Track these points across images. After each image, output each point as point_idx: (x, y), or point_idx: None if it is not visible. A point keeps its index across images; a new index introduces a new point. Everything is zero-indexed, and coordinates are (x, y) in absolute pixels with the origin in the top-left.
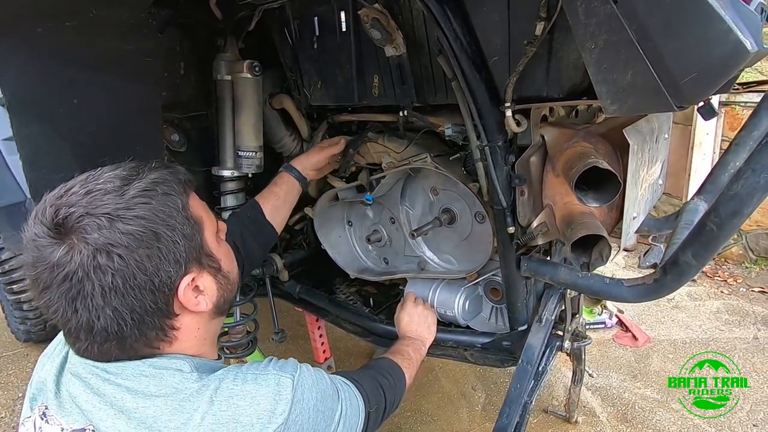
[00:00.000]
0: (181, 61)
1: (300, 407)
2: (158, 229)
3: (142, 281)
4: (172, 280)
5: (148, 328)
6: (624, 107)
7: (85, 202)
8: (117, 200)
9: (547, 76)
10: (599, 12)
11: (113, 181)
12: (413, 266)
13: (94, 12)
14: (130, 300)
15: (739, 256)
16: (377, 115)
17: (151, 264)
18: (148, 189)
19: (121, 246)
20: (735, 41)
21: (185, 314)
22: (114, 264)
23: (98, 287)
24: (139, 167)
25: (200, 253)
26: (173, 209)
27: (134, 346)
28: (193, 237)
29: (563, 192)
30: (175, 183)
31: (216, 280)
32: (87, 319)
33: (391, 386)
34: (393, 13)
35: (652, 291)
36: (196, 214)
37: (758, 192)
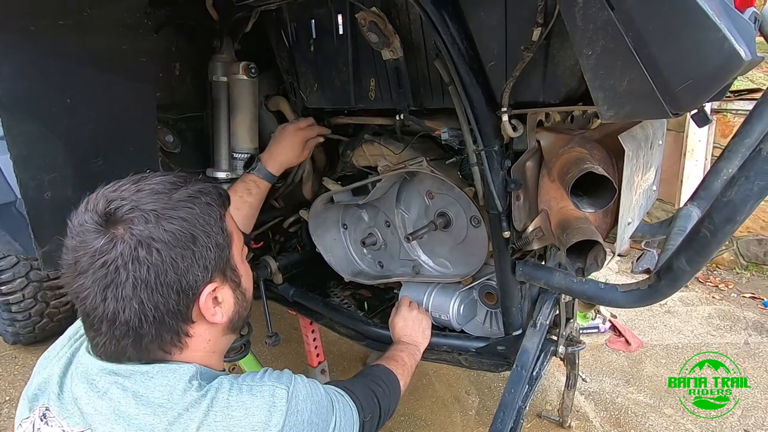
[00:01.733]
0: (177, 62)
1: (294, 418)
2: (196, 232)
3: (172, 279)
4: (197, 285)
5: (165, 330)
6: (620, 113)
7: (136, 197)
8: (165, 200)
9: (543, 82)
10: (597, 18)
11: (163, 184)
12: (408, 270)
13: (89, 11)
14: (156, 296)
15: (730, 262)
16: (373, 119)
17: (183, 264)
18: (193, 196)
19: (161, 242)
20: (730, 50)
21: (201, 322)
22: (152, 257)
23: (132, 278)
24: (187, 177)
25: (226, 265)
26: (212, 218)
27: (149, 347)
28: (224, 248)
29: (558, 197)
30: (216, 196)
31: (234, 295)
32: (114, 308)
33: (385, 394)
34: (390, 16)
35: (647, 296)
36: (229, 228)
37: (752, 199)
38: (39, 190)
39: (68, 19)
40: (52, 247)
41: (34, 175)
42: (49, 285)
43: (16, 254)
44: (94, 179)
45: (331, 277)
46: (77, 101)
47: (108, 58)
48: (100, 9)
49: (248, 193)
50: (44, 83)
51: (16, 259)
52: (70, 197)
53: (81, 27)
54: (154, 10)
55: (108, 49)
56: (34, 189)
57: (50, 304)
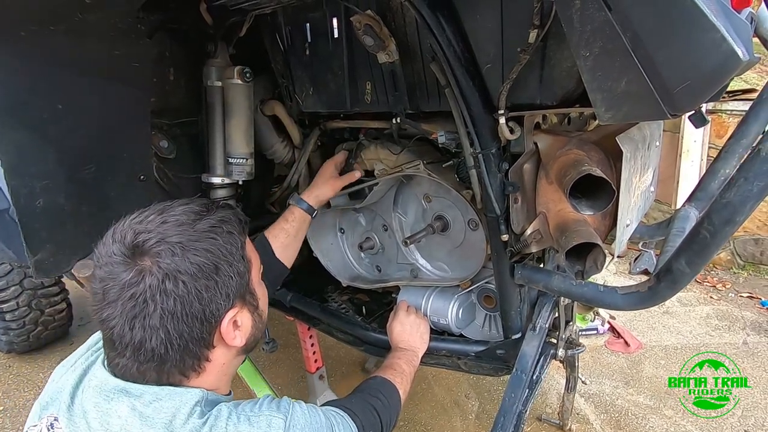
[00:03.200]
0: (171, 67)
1: None
2: (220, 263)
3: (197, 310)
4: (219, 312)
5: (189, 355)
6: (618, 115)
7: (162, 229)
8: (189, 232)
9: (540, 84)
10: (594, 19)
11: (187, 214)
12: (406, 274)
13: (80, 16)
14: (182, 326)
15: (728, 262)
16: (370, 122)
17: (207, 294)
18: (216, 226)
19: (187, 274)
20: (728, 50)
21: (220, 346)
22: (178, 290)
23: (159, 309)
24: (209, 204)
25: (246, 290)
26: (234, 247)
27: (170, 372)
28: (244, 275)
29: (557, 199)
30: (237, 223)
31: (252, 318)
32: (141, 337)
33: (384, 406)
34: (386, 19)
35: (647, 299)
36: (248, 254)
37: (751, 200)
38: (31, 198)
39: (59, 25)
40: (45, 254)
41: (26, 182)
42: (43, 293)
43: (10, 262)
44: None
45: (328, 282)
46: (69, 107)
47: (100, 64)
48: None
49: (285, 221)
50: (35, 89)
51: (9, 266)
52: (62, 204)
53: (72, 32)
54: (146, 15)
55: (100, 55)
56: (26, 196)
57: (45, 312)
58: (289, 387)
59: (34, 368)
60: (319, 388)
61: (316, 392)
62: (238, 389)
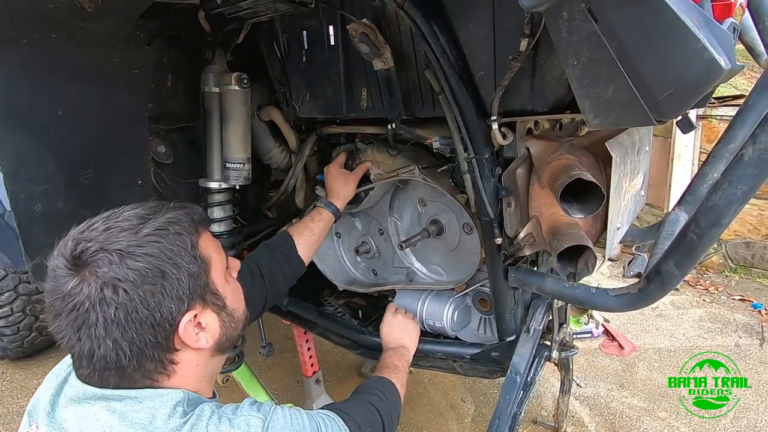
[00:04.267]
0: (169, 73)
1: None
2: (164, 267)
3: (144, 316)
4: (173, 317)
5: (147, 360)
6: (606, 121)
7: (102, 237)
8: (131, 237)
9: (531, 91)
10: (581, 30)
11: (131, 219)
12: (402, 277)
13: (81, 24)
14: (130, 333)
15: (720, 265)
16: (365, 128)
17: (153, 300)
18: (161, 228)
19: (127, 281)
20: (709, 59)
21: (185, 350)
22: (119, 298)
23: (102, 318)
24: (158, 206)
25: (205, 291)
26: (182, 248)
27: (133, 377)
28: (199, 275)
29: (549, 203)
30: (188, 223)
31: (219, 318)
32: (89, 347)
33: (383, 401)
34: (381, 28)
35: (637, 300)
36: (204, 253)
37: (735, 203)
38: (29, 202)
39: (60, 32)
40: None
41: (25, 187)
42: (37, 298)
43: (5, 268)
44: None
45: (324, 286)
46: (68, 113)
47: (100, 70)
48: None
49: (311, 221)
50: (35, 95)
51: (4, 272)
52: (61, 209)
53: (73, 40)
54: (146, 23)
55: (100, 62)
56: (25, 201)
57: (39, 317)
58: (286, 391)
59: (28, 375)
60: (316, 392)
61: (312, 396)
62: (235, 394)
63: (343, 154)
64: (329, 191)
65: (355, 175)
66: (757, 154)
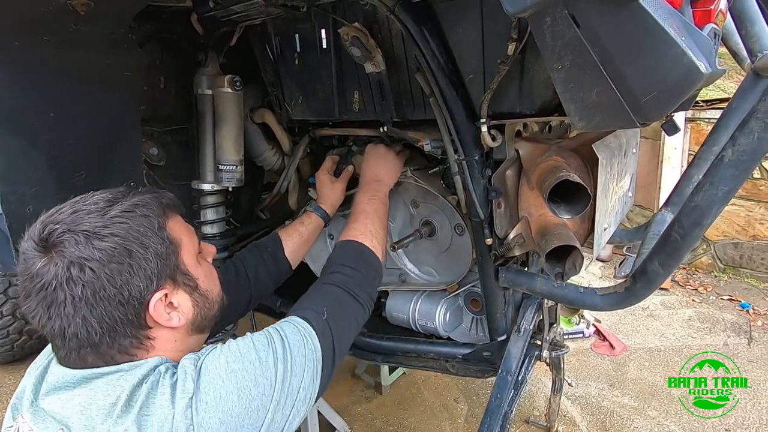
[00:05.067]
0: (162, 75)
1: (205, 384)
2: (131, 246)
3: (111, 293)
4: (141, 295)
5: (121, 336)
6: (591, 123)
7: (70, 220)
8: (97, 219)
9: (519, 94)
10: (564, 35)
11: (98, 203)
12: (394, 278)
13: (73, 27)
14: (99, 310)
15: (709, 266)
16: (358, 130)
17: (121, 278)
18: (128, 210)
19: (93, 260)
20: (689, 63)
21: (159, 328)
22: (85, 276)
23: (69, 296)
24: (126, 191)
25: (175, 272)
26: (149, 229)
27: (109, 353)
28: (168, 256)
29: (538, 204)
30: (156, 206)
31: (192, 298)
32: (59, 325)
33: (358, 284)
34: (372, 31)
35: (624, 299)
36: (174, 235)
37: (717, 204)
38: (20, 204)
39: (52, 35)
40: None
41: (16, 188)
42: None
43: None
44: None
45: None
46: (60, 115)
47: (92, 73)
48: (85, 25)
49: (301, 224)
50: (27, 97)
51: None
52: None
53: (65, 42)
54: (138, 25)
55: (92, 64)
56: (16, 203)
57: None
58: None
59: (18, 378)
60: None
61: None
62: None
63: (329, 159)
64: (319, 197)
65: (340, 181)
66: (736, 156)
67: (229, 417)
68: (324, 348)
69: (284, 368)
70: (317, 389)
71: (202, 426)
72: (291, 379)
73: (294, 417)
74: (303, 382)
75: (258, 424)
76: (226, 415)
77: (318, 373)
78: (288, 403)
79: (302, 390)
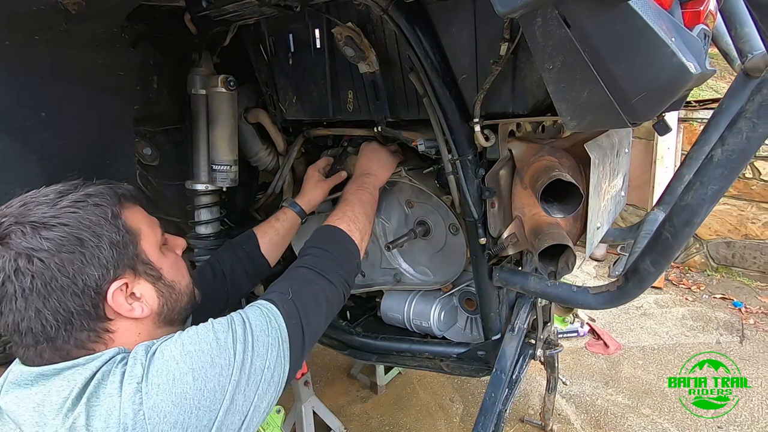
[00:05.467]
0: (155, 75)
1: (157, 367)
2: (82, 235)
3: (64, 283)
4: (98, 284)
5: (77, 330)
6: (583, 123)
7: (18, 212)
8: (47, 210)
9: (512, 94)
10: (555, 35)
11: (49, 195)
12: (389, 278)
13: (65, 26)
14: (52, 302)
15: (702, 264)
16: (352, 130)
17: (72, 267)
18: (79, 201)
19: (42, 250)
20: (679, 64)
21: (120, 319)
22: (33, 267)
23: (19, 289)
24: (79, 183)
25: (135, 261)
26: (101, 218)
27: (65, 348)
28: (125, 245)
29: (531, 204)
30: (110, 196)
31: (156, 288)
32: (12, 320)
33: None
34: (366, 31)
35: (616, 298)
36: (131, 225)
37: (706, 203)
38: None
39: (44, 34)
40: None
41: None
42: None
43: None
44: None
45: None
46: (52, 115)
47: (84, 72)
48: (76, 25)
49: (276, 220)
50: (18, 97)
51: None
52: None
53: (57, 42)
54: (131, 25)
55: (84, 64)
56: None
57: None
58: None
59: None
60: (305, 395)
61: (301, 399)
62: None
63: (324, 159)
64: (300, 191)
65: (327, 182)
66: (726, 156)
67: (184, 399)
68: (290, 327)
69: (244, 348)
70: (286, 369)
71: (154, 410)
72: (253, 359)
73: (260, 400)
74: (267, 361)
75: (215, 406)
76: (180, 398)
77: (285, 352)
78: (251, 384)
79: (267, 370)
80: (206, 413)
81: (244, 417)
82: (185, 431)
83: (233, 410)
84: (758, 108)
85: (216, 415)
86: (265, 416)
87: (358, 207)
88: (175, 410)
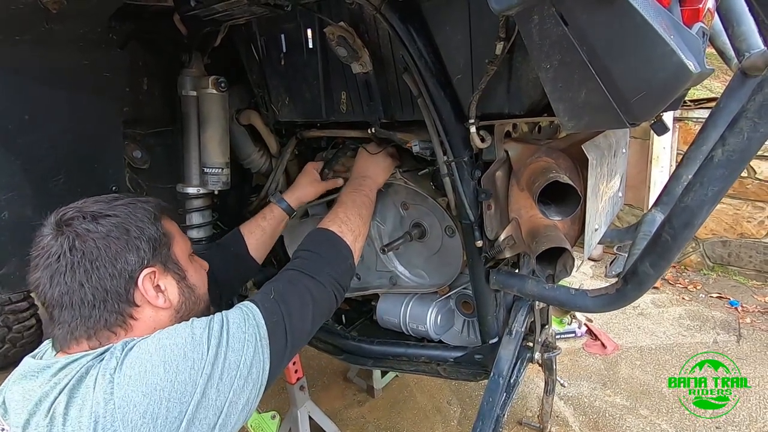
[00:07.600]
0: (145, 77)
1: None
2: (129, 226)
3: (106, 262)
4: (132, 269)
5: (108, 310)
6: (580, 124)
7: (79, 206)
8: (103, 206)
9: (508, 94)
10: (552, 34)
11: (106, 198)
12: (385, 281)
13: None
14: (94, 279)
15: (698, 264)
16: (346, 131)
17: (115, 248)
18: (131, 203)
19: (95, 233)
20: (678, 63)
21: (145, 306)
22: (86, 245)
23: (69, 264)
24: (129, 195)
25: (166, 259)
26: (146, 217)
27: (96, 328)
28: (161, 244)
29: (528, 206)
30: (155, 204)
31: (179, 286)
32: (59, 292)
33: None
34: (359, 31)
35: (615, 300)
36: (167, 229)
37: (707, 204)
38: None
39: (26, 35)
40: (10, 268)
41: None
42: (11, 309)
43: None
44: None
45: None
46: (36, 117)
47: (69, 73)
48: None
49: (263, 218)
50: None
51: None
52: (29, 217)
53: (39, 42)
54: (118, 25)
55: (69, 64)
56: None
57: (12, 328)
58: (270, 398)
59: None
60: (300, 399)
61: (297, 403)
62: None
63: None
64: (293, 184)
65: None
66: (726, 156)
67: (154, 390)
68: (270, 324)
69: (218, 343)
70: (266, 367)
71: (124, 399)
72: (227, 353)
73: (237, 396)
74: (243, 357)
75: (186, 399)
76: (150, 389)
77: (264, 348)
78: (224, 379)
79: (243, 366)
80: (176, 405)
81: (219, 412)
82: (155, 421)
83: (205, 404)
84: (759, 107)
85: (186, 407)
86: (246, 416)
87: (352, 209)
88: (144, 400)
